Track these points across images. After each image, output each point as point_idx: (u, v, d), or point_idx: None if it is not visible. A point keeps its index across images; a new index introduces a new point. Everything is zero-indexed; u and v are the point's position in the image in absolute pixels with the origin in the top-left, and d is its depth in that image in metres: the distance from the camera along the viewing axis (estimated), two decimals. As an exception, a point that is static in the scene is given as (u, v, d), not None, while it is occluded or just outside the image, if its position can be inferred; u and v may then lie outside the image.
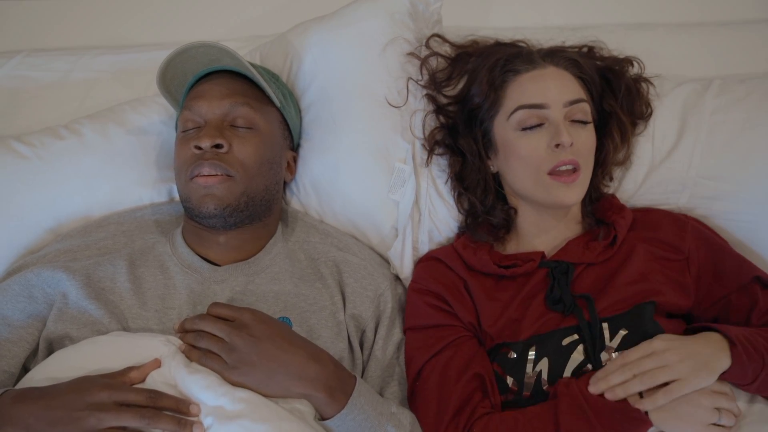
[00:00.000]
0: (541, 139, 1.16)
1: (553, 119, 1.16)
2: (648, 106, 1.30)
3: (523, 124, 1.17)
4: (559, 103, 1.17)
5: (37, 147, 1.31)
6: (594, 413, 1.02)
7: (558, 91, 1.17)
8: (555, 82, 1.19)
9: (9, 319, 1.15)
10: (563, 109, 1.17)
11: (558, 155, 1.15)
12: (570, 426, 1.03)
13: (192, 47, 1.19)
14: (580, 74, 1.23)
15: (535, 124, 1.17)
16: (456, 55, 1.31)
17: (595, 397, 1.03)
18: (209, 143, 1.16)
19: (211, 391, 0.99)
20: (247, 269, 1.20)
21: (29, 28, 1.63)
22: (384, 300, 1.23)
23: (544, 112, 1.17)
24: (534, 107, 1.17)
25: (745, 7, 1.55)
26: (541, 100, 1.17)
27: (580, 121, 1.18)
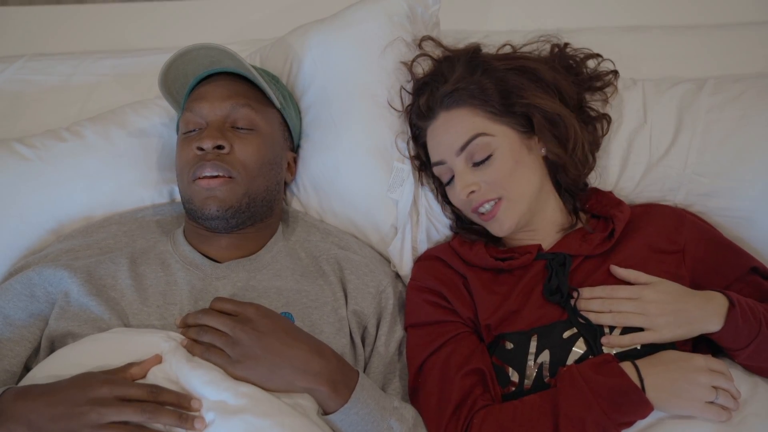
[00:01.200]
0: (455, 189, 1.22)
1: (454, 171, 1.21)
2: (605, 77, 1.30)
3: (442, 178, 1.25)
4: (452, 154, 1.20)
5: (39, 149, 1.32)
6: (593, 395, 1.03)
7: (447, 143, 1.20)
8: (443, 133, 1.21)
9: (11, 319, 1.15)
10: (459, 158, 1.19)
11: (470, 201, 1.20)
12: (569, 409, 1.03)
13: (193, 49, 1.20)
14: (470, 102, 1.20)
15: (450, 177, 1.23)
16: (443, 58, 1.30)
17: (595, 378, 1.04)
18: (211, 144, 1.17)
19: (213, 386, 0.99)
20: (248, 265, 1.20)
21: (31, 33, 1.65)
22: (385, 296, 1.23)
23: (447, 166, 1.22)
24: (438, 164, 1.23)
25: (739, 9, 1.57)
26: (439, 158, 1.23)
27: (481, 161, 1.18)
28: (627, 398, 1.03)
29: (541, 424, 1.05)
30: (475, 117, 1.19)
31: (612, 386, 1.03)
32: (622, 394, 1.03)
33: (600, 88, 1.31)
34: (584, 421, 1.02)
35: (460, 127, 1.20)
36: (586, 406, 1.03)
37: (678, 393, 1.03)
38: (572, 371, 1.06)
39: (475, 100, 1.20)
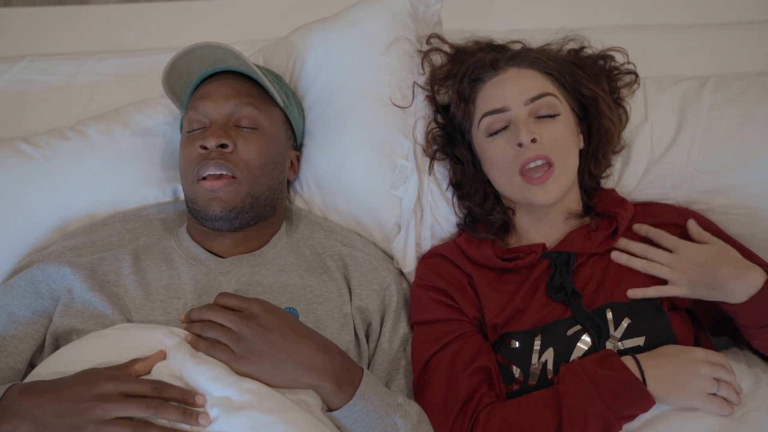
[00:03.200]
0: (506, 141, 1.19)
1: (515, 119, 1.18)
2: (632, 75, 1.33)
3: (489, 129, 1.21)
4: (520, 103, 1.19)
5: (44, 148, 1.33)
6: (595, 388, 1.03)
7: (517, 91, 1.20)
8: (514, 83, 1.21)
9: (15, 316, 1.15)
10: (525, 108, 1.19)
11: (523, 153, 1.16)
12: (572, 402, 1.03)
13: (197, 48, 1.21)
14: (545, 69, 1.24)
15: (501, 128, 1.19)
16: (454, 53, 1.33)
17: (597, 371, 1.04)
18: (215, 143, 1.17)
19: (217, 382, 1.00)
20: (252, 261, 1.21)
21: (34, 34, 1.65)
22: (389, 293, 1.24)
23: (506, 114, 1.19)
24: (496, 112, 1.20)
25: (741, 8, 1.57)
26: (501, 104, 1.20)
27: (547, 116, 1.19)
28: (629, 391, 1.03)
29: (544, 418, 1.05)
30: (546, 81, 1.22)
31: (614, 379, 1.04)
32: (624, 386, 1.03)
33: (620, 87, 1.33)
34: (586, 414, 1.03)
35: (533, 81, 1.21)
36: (588, 399, 1.03)
37: (679, 384, 1.03)
38: (574, 366, 1.07)
39: (549, 68, 1.23)
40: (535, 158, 1.16)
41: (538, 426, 1.05)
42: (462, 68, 1.28)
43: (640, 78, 1.34)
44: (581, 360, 1.08)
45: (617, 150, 1.31)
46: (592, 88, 1.25)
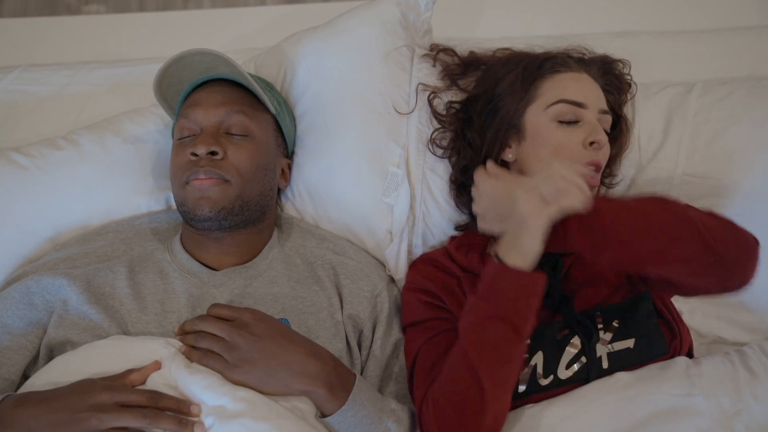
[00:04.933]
0: (575, 135, 1.19)
1: (590, 120, 1.20)
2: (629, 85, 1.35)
3: (561, 116, 1.19)
4: (596, 108, 1.21)
5: (36, 157, 1.33)
6: (477, 298, 1.06)
7: (595, 98, 1.22)
8: (592, 88, 1.23)
9: (9, 327, 1.16)
10: (596, 115, 1.21)
11: (591, 154, 1.18)
12: (468, 323, 1.06)
13: (188, 55, 1.21)
14: (605, 87, 1.27)
15: (573, 120, 1.20)
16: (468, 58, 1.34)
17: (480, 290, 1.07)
18: (205, 150, 1.18)
19: (212, 390, 1.00)
20: (245, 273, 1.21)
21: (26, 44, 1.65)
22: (381, 300, 1.24)
23: (583, 111, 1.20)
24: (575, 104, 1.20)
25: (727, 14, 1.59)
26: (583, 100, 1.20)
27: (605, 131, 1.23)
28: (494, 276, 1.05)
29: (458, 358, 1.06)
30: (604, 97, 1.26)
31: (484, 280, 1.06)
32: (490, 278, 1.05)
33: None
34: (481, 327, 1.04)
35: (600, 94, 1.24)
36: (475, 310, 1.05)
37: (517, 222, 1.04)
38: (468, 300, 1.09)
39: (608, 89, 1.27)
40: (596, 163, 1.18)
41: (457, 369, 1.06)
42: (522, 58, 1.28)
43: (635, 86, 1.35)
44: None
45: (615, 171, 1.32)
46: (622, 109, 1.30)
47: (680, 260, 1.03)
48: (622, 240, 1.03)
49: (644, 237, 1.02)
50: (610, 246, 1.03)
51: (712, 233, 1.02)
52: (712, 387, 1.07)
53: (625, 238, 1.03)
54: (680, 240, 1.01)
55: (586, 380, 1.11)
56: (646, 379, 1.09)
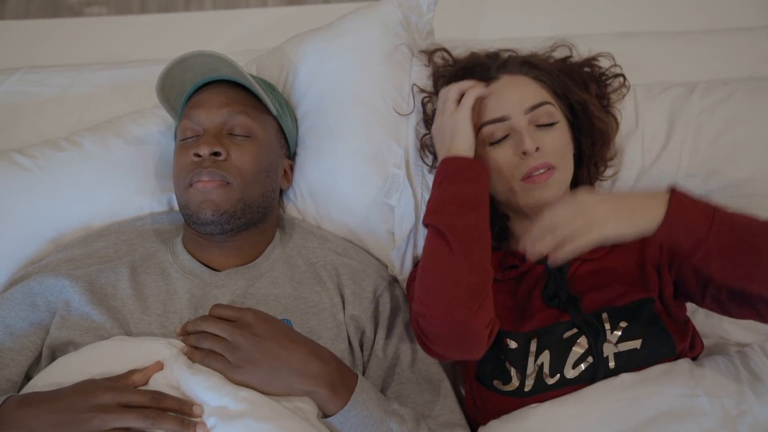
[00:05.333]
0: (509, 150, 1.19)
1: (517, 128, 1.19)
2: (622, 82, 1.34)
3: (490, 138, 1.20)
4: (520, 111, 1.19)
5: (38, 159, 1.33)
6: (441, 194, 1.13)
7: (517, 100, 1.20)
8: (512, 90, 1.21)
9: (12, 328, 1.16)
10: (525, 116, 1.19)
11: (528, 162, 1.17)
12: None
13: (191, 56, 1.22)
14: (537, 77, 1.24)
15: (502, 136, 1.19)
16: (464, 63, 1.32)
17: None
18: (208, 151, 1.18)
19: (214, 391, 1.00)
20: (247, 273, 1.21)
21: (28, 46, 1.66)
22: (383, 301, 1.24)
23: (507, 123, 1.19)
24: (496, 121, 1.20)
25: (729, 14, 1.59)
26: (501, 113, 1.19)
27: (546, 124, 1.20)
28: (441, 167, 1.15)
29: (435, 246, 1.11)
30: (541, 89, 1.23)
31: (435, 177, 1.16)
32: (439, 170, 1.15)
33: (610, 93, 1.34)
34: (442, 204, 1.12)
35: (530, 89, 1.22)
36: (433, 198, 1.14)
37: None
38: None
39: (542, 76, 1.25)
40: (539, 167, 1.17)
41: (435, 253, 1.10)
42: (456, 78, 1.27)
43: (628, 82, 1.35)
44: None
45: (610, 157, 1.32)
46: (580, 93, 1.26)
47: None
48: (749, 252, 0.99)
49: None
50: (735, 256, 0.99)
51: None
52: (715, 388, 1.07)
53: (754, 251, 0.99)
54: None
55: (593, 380, 1.11)
56: (651, 379, 1.09)
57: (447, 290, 1.07)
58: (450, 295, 1.07)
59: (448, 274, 1.08)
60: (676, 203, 1.01)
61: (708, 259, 1.01)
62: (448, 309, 1.07)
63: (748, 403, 1.06)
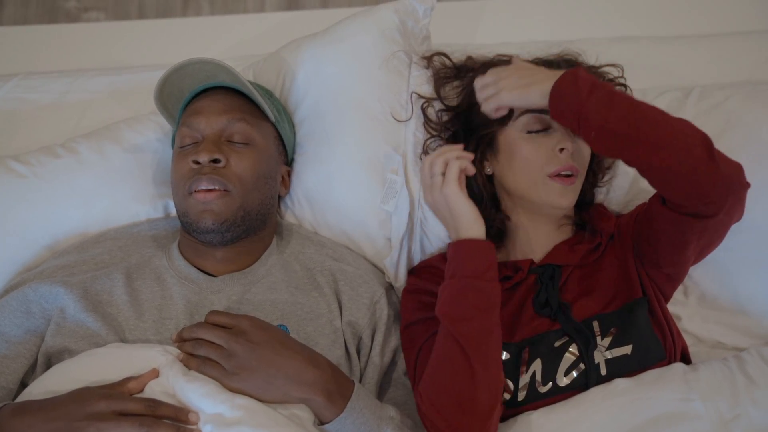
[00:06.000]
0: (545, 143, 1.19)
1: (558, 126, 1.19)
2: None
3: (529, 127, 1.20)
4: None
5: (34, 165, 1.33)
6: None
7: None
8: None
9: (7, 336, 1.16)
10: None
11: (560, 160, 1.18)
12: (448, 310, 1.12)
13: (189, 63, 1.22)
14: None
15: (541, 128, 1.20)
16: (461, 65, 1.34)
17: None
18: (207, 158, 1.18)
19: (209, 398, 1.00)
20: (243, 279, 1.21)
21: (26, 52, 1.66)
22: (380, 307, 1.24)
23: (549, 118, 1.19)
24: (541, 112, 1.19)
25: (725, 19, 1.59)
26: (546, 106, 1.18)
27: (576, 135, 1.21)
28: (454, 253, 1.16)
29: (442, 338, 1.11)
30: None
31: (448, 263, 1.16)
32: (451, 257, 1.15)
33: None
34: (455, 300, 1.11)
35: None
36: (447, 289, 1.13)
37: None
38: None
39: None
40: (569, 168, 1.18)
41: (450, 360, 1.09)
42: (506, 64, 1.26)
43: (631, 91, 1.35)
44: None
45: (607, 165, 1.32)
46: None
47: (688, 173, 1.04)
48: (642, 132, 1.05)
49: (664, 138, 1.04)
50: (631, 138, 1.05)
51: (719, 154, 1.05)
52: (710, 392, 1.08)
53: (646, 132, 1.05)
54: (693, 152, 1.04)
55: (585, 387, 1.12)
56: (645, 384, 1.09)
57: (462, 413, 1.06)
58: (464, 417, 1.06)
59: (465, 394, 1.07)
60: (564, 79, 1.08)
61: (588, 130, 1.07)
62: (464, 425, 1.06)
63: (743, 407, 1.06)
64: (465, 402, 1.06)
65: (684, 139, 1.05)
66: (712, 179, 1.05)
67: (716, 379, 1.09)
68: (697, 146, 1.04)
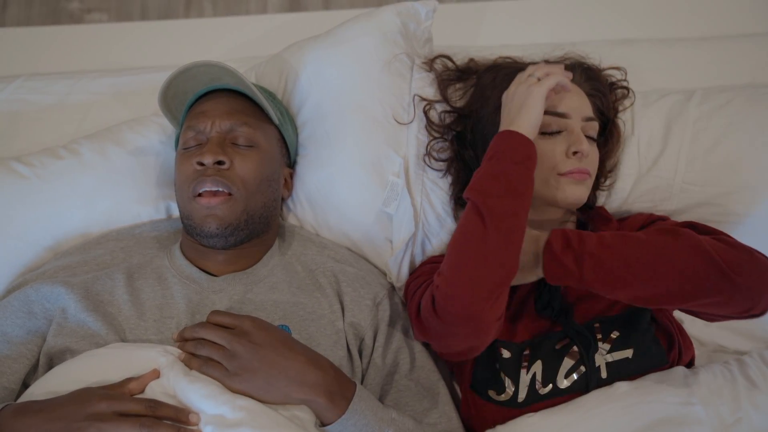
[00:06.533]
0: (558, 144, 1.19)
1: (573, 129, 1.19)
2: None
3: (545, 128, 1.19)
4: (579, 117, 1.20)
5: (37, 167, 1.33)
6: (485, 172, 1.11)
7: (578, 105, 1.21)
8: (574, 96, 1.22)
9: (9, 336, 1.16)
10: (580, 123, 1.20)
11: (572, 163, 1.18)
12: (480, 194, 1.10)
13: (194, 66, 1.22)
14: (590, 92, 1.26)
15: (556, 130, 1.20)
16: (465, 67, 1.34)
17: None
18: (212, 159, 1.18)
19: (211, 399, 1.00)
20: (245, 279, 1.21)
21: (28, 53, 1.66)
22: (382, 308, 1.24)
23: (566, 121, 1.20)
24: (557, 115, 1.19)
25: (727, 22, 1.59)
26: (565, 110, 1.20)
27: (591, 138, 1.22)
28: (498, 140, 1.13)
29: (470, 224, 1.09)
30: (589, 103, 1.25)
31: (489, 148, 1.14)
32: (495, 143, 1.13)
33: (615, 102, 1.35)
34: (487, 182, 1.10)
35: (585, 101, 1.24)
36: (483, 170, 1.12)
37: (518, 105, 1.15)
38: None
39: (593, 92, 1.27)
40: (581, 171, 1.18)
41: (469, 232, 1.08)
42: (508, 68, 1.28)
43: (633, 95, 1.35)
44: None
45: (610, 168, 1.32)
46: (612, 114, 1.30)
47: (699, 295, 1.05)
48: (638, 278, 1.06)
49: (661, 275, 1.05)
50: (627, 284, 1.06)
51: (729, 264, 1.04)
52: (710, 396, 1.08)
53: (642, 276, 1.06)
54: (697, 275, 1.04)
55: (586, 390, 1.12)
56: (646, 388, 1.09)
57: (474, 277, 1.05)
58: (476, 282, 1.05)
59: (478, 259, 1.06)
60: (547, 259, 1.09)
61: (596, 291, 1.09)
62: (471, 296, 1.05)
63: (744, 411, 1.06)
64: (473, 269, 1.05)
65: (685, 273, 1.05)
66: (734, 299, 1.05)
67: (717, 383, 1.09)
68: (701, 275, 1.05)
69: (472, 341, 1.10)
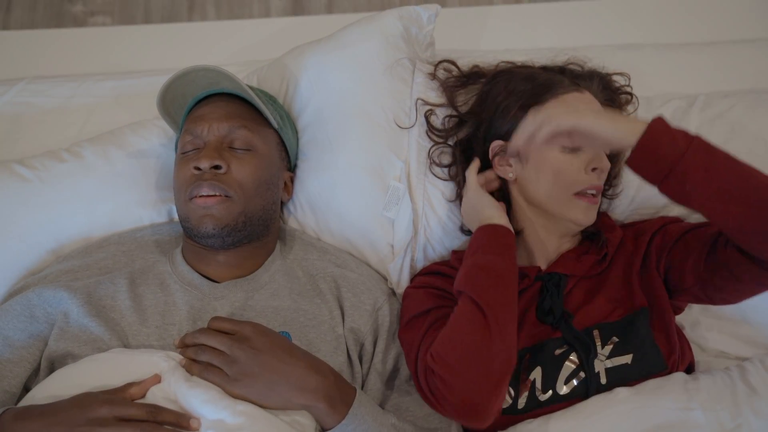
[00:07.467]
0: (578, 160, 1.18)
1: (588, 147, 1.17)
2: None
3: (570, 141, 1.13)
4: None
5: (39, 170, 1.34)
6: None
7: None
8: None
9: (10, 340, 1.16)
10: None
11: (590, 179, 1.17)
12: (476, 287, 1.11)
13: (192, 71, 1.22)
14: (605, 101, 1.26)
15: (574, 147, 1.18)
16: (470, 71, 1.33)
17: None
18: (208, 164, 1.18)
19: (211, 404, 1.00)
20: (246, 285, 1.21)
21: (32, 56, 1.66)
22: (382, 314, 1.24)
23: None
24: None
25: (730, 27, 1.59)
26: None
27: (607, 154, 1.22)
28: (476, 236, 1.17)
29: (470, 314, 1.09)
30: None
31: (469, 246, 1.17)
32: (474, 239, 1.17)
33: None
34: (476, 272, 1.12)
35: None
36: (468, 263, 1.14)
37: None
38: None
39: (609, 100, 1.27)
40: (595, 188, 1.18)
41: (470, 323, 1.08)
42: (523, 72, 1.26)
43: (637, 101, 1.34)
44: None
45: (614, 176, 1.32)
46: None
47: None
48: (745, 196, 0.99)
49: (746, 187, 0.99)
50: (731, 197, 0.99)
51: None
52: (710, 401, 1.07)
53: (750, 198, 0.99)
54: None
55: (585, 396, 1.12)
56: (645, 393, 1.09)
57: (476, 370, 1.05)
58: (477, 375, 1.05)
59: (482, 351, 1.06)
60: (659, 123, 1.01)
61: (684, 182, 1.00)
62: (477, 388, 1.05)
63: (744, 417, 1.06)
64: (480, 361, 1.05)
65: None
66: None
67: (717, 389, 1.09)
68: None
69: (471, 424, 1.10)
